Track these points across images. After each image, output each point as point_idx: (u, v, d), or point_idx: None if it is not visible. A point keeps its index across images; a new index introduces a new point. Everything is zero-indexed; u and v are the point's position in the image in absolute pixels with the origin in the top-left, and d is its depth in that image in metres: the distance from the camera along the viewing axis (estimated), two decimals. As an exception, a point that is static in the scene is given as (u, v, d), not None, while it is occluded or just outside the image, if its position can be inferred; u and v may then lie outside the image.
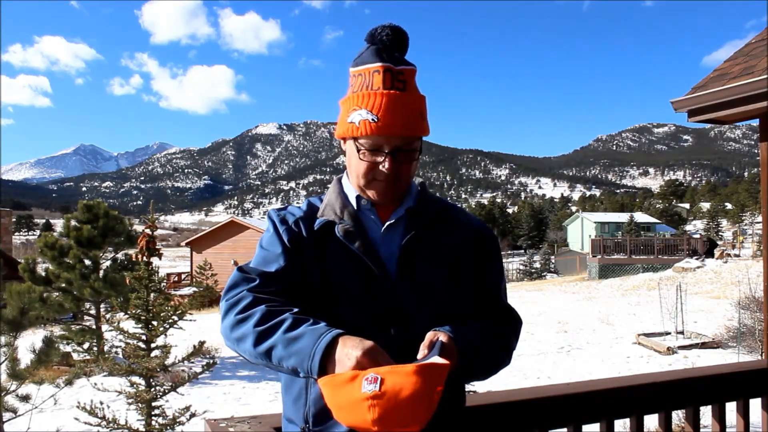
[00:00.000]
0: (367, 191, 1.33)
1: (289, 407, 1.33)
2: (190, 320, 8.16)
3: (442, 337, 1.17)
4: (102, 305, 12.43)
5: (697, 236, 33.20)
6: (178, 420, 6.03)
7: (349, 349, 1.07)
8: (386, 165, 1.27)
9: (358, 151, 1.29)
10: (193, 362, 8.47)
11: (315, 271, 1.29)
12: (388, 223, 1.33)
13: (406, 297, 1.28)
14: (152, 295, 7.23)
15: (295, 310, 1.21)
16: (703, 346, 10.48)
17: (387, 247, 1.31)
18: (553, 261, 52.86)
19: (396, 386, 0.98)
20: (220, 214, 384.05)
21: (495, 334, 1.32)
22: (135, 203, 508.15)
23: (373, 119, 1.24)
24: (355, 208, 1.35)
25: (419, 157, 1.35)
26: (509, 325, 1.38)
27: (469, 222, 1.42)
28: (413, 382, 0.98)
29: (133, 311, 7.07)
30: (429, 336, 1.19)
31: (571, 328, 13.62)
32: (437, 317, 1.28)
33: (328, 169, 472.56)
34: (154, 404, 6.16)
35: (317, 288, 1.27)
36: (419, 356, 1.14)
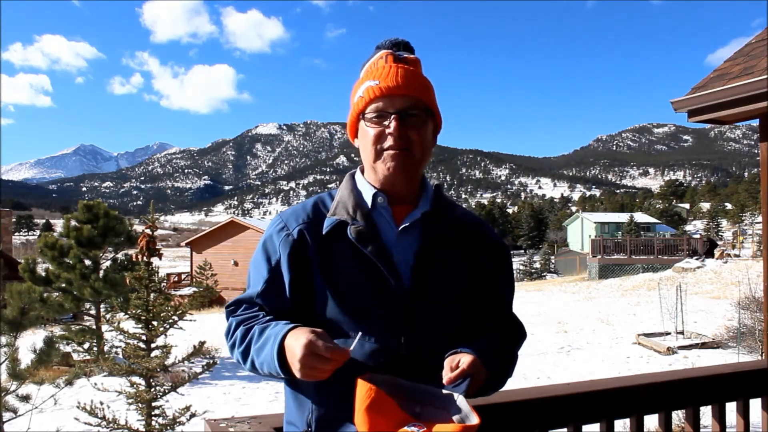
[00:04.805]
0: (378, 169, 1.28)
1: (291, 411, 1.32)
2: (190, 320, 8.16)
3: (466, 359, 1.14)
4: (102, 305, 12.42)
5: (697, 236, 33.20)
6: (178, 420, 6.03)
7: (292, 355, 1.10)
8: (392, 126, 1.24)
9: (366, 125, 1.28)
10: (193, 362, 8.47)
11: (320, 277, 1.25)
12: (402, 226, 1.28)
13: (419, 304, 1.24)
14: (152, 295, 7.23)
15: (265, 318, 1.24)
16: (703, 346, 10.47)
17: (401, 251, 1.26)
18: (553, 261, 52.90)
19: None
20: (220, 214, 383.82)
21: (505, 351, 1.30)
22: (135, 203, 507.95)
23: (375, 83, 1.26)
24: (369, 207, 1.30)
25: (432, 139, 1.33)
26: (514, 338, 1.36)
27: (485, 232, 1.39)
28: None
29: (133, 311, 7.06)
30: (450, 361, 1.16)
31: (571, 328, 13.61)
32: (449, 326, 1.26)
33: (328, 169, 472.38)
34: (154, 404, 6.16)
35: (324, 294, 1.24)
36: (445, 380, 1.12)
